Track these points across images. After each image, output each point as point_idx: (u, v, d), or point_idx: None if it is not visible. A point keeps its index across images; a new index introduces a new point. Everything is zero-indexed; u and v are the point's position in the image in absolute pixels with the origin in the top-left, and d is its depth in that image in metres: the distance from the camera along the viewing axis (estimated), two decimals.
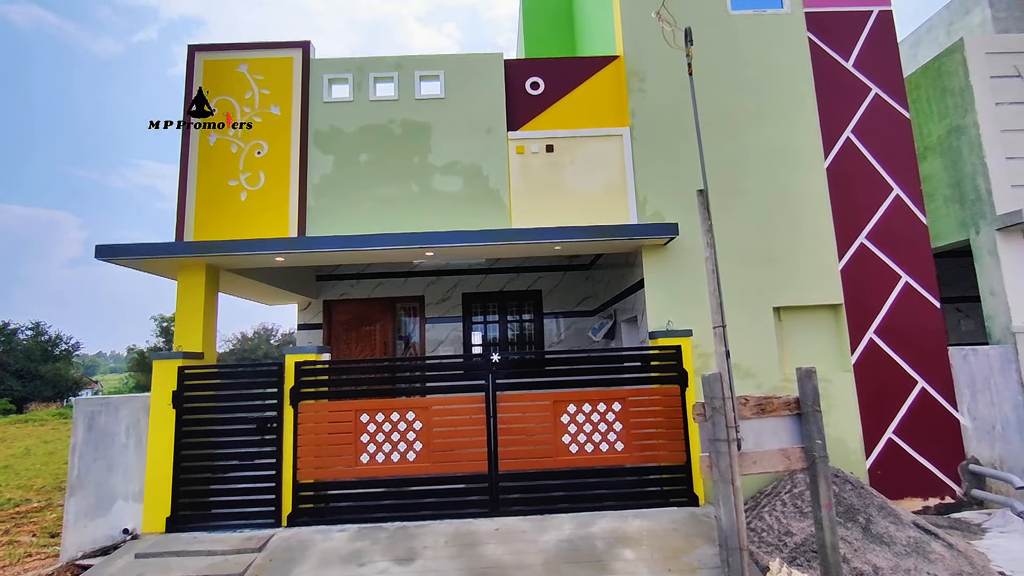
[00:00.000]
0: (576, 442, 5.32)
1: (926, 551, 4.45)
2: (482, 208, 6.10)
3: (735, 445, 4.07)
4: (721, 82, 6.31)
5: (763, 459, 4.19)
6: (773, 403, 4.29)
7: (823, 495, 4.08)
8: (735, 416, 4.11)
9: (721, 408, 4.09)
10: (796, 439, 4.28)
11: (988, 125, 6.27)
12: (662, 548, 4.56)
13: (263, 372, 5.48)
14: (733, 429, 4.07)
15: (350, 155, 6.18)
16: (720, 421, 4.07)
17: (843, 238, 6.09)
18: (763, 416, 4.28)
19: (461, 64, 6.37)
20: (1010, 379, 5.90)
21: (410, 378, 5.67)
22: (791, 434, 4.30)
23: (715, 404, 4.09)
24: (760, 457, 4.19)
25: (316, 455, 5.27)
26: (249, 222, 6.02)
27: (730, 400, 4.11)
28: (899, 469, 5.72)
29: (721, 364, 4.20)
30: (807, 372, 4.27)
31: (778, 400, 4.30)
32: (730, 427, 4.08)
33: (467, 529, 4.97)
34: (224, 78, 6.27)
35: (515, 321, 9.66)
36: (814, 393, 4.22)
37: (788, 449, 4.23)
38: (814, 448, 4.13)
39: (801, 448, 4.23)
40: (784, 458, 4.21)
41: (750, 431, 4.24)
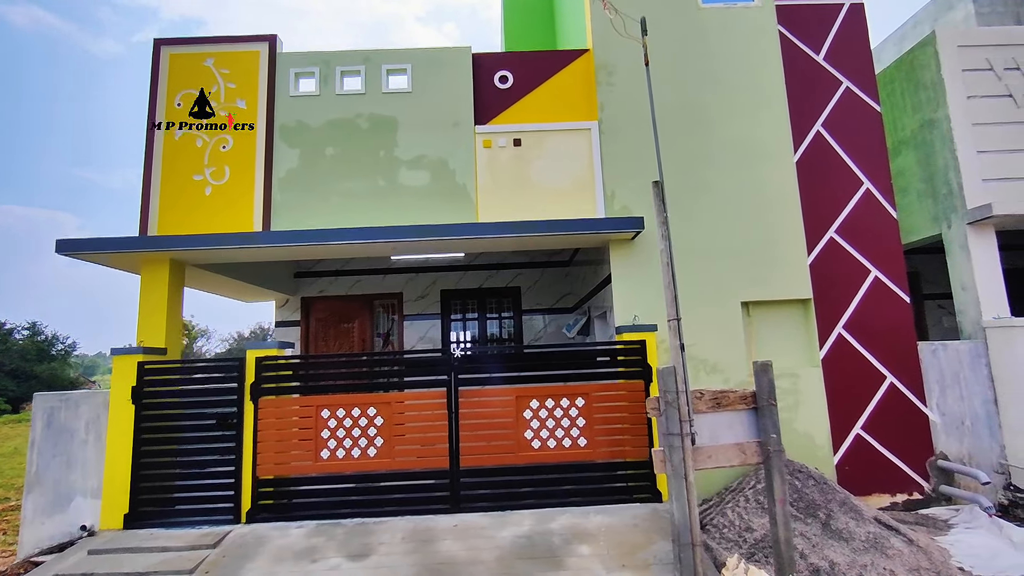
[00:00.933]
0: (539, 438, 5.28)
1: (884, 547, 4.40)
2: (449, 202, 6.06)
3: (688, 439, 4.03)
4: (691, 75, 6.27)
5: (718, 453, 4.14)
6: (729, 397, 4.24)
7: (777, 490, 4.03)
8: (689, 410, 4.07)
9: (675, 402, 4.05)
10: (752, 433, 4.23)
11: (960, 119, 6.23)
12: (619, 544, 4.52)
13: (224, 367, 5.44)
14: (687, 423, 4.04)
15: (316, 149, 6.14)
16: (673, 415, 4.03)
17: (812, 232, 6.04)
18: (719, 410, 4.23)
19: (429, 58, 6.33)
20: (980, 374, 5.85)
21: (372, 374, 5.62)
22: (747, 428, 4.24)
23: (669, 398, 4.05)
24: (715, 451, 4.14)
25: (276, 451, 5.23)
26: (214, 217, 5.97)
27: (684, 394, 4.07)
28: (867, 465, 5.67)
29: (676, 358, 4.15)
30: (763, 366, 4.22)
31: (734, 394, 4.25)
32: (684, 421, 4.04)
33: (426, 525, 4.92)
34: (190, 72, 6.22)
35: (494, 318, 9.62)
36: (770, 387, 4.16)
37: (744, 443, 4.18)
38: (769, 442, 4.09)
39: (757, 442, 4.18)
40: (740, 452, 4.16)
41: (705, 425, 4.19)
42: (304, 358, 5.67)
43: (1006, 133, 6.23)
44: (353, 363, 6.02)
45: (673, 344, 4.23)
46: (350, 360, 5.99)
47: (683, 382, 4.10)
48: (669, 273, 4.28)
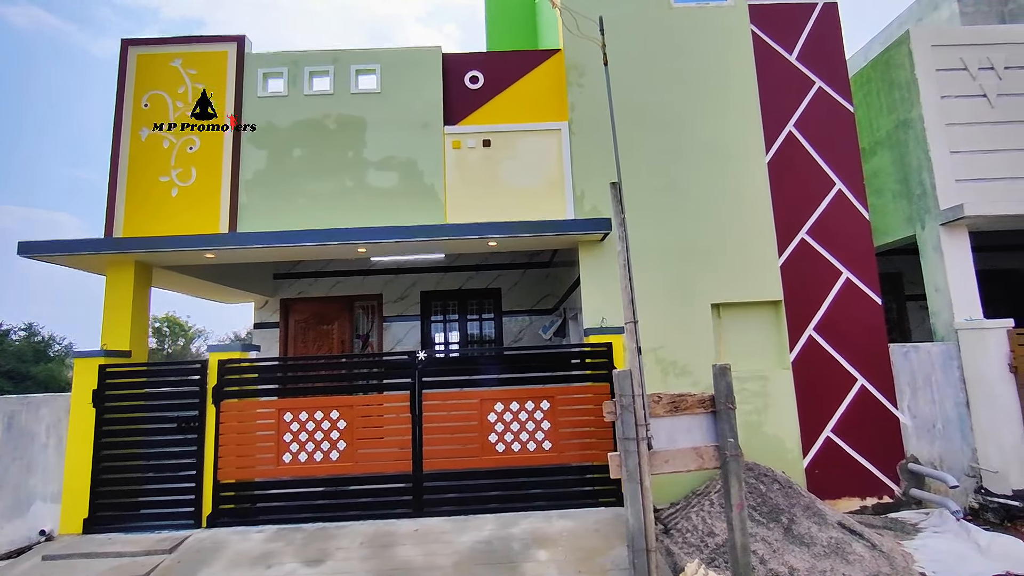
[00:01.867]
0: (503, 441, 5.23)
1: (845, 552, 4.35)
2: (417, 203, 6.01)
3: (644, 444, 3.98)
4: (662, 75, 6.22)
5: (675, 458, 4.09)
6: (687, 401, 4.19)
7: (734, 495, 3.98)
8: (645, 414, 4.02)
9: (630, 406, 4.00)
10: (711, 437, 4.17)
11: (933, 119, 6.18)
12: (579, 549, 4.47)
13: (186, 370, 5.39)
14: (643, 427, 3.99)
15: (284, 150, 6.09)
16: (629, 419, 3.98)
17: (784, 233, 5.99)
18: (677, 414, 4.18)
19: (398, 58, 6.28)
20: (951, 376, 5.80)
21: (336, 376, 5.57)
22: (705, 432, 4.19)
23: (624, 402, 4.00)
24: (672, 455, 4.09)
25: (239, 455, 5.18)
26: (180, 218, 5.93)
27: (640, 398, 4.02)
28: (837, 468, 5.62)
29: (633, 361, 4.11)
30: (721, 369, 4.17)
31: (692, 397, 4.20)
32: (639, 425, 3.99)
33: (387, 530, 4.88)
34: (157, 73, 6.18)
35: (475, 320, 9.57)
36: (728, 390, 4.11)
37: (701, 447, 4.12)
38: (727, 446, 4.04)
39: (715, 446, 4.12)
40: (697, 457, 4.11)
41: (663, 429, 4.14)
42: (267, 361, 5.62)
43: (980, 133, 6.17)
44: (317, 366, 5.97)
45: (630, 347, 4.19)
46: (314, 363, 5.95)
47: (639, 386, 4.05)
48: (627, 275, 4.24)
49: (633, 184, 6.00)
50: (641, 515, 3.93)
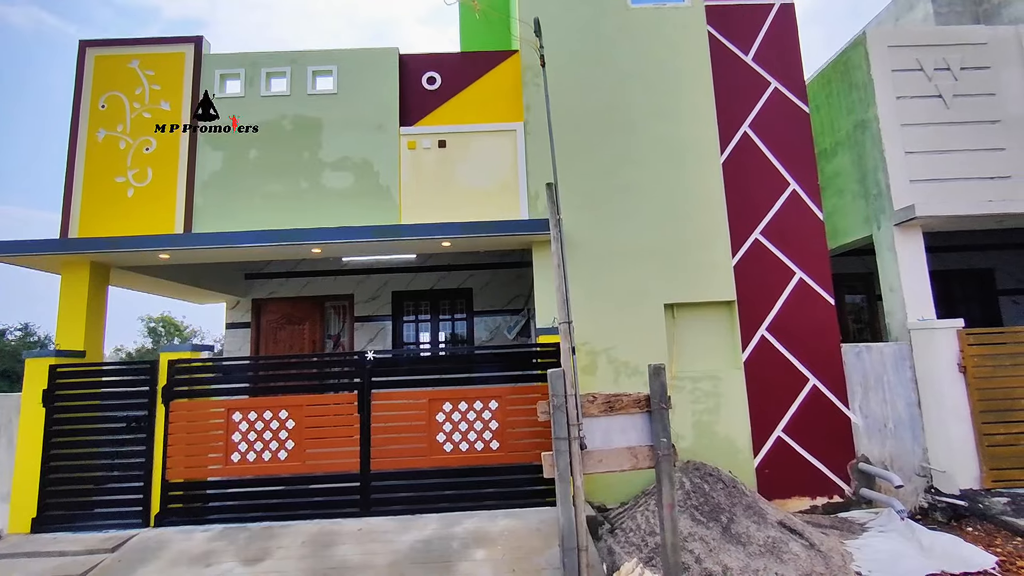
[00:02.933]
0: (451, 441, 5.25)
1: (781, 551, 4.37)
2: (372, 204, 6.03)
3: (577, 443, 4.00)
4: (617, 76, 6.24)
5: (609, 457, 4.11)
6: (622, 400, 4.20)
7: (666, 495, 4.00)
8: (578, 414, 4.04)
9: (562, 406, 4.02)
10: (646, 437, 4.19)
11: (888, 119, 6.19)
12: (517, 548, 4.49)
13: (136, 370, 5.41)
14: (575, 427, 4.01)
15: (240, 151, 6.12)
16: (561, 419, 4.00)
17: (737, 234, 6.00)
18: (612, 414, 4.19)
19: (356, 59, 6.30)
20: (903, 376, 5.81)
21: (286, 376, 5.60)
22: (641, 432, 4.20)
23: (556, 402, 4.02)
24: (606, 455, 4.11)
25: (187, 454, 5.20)
26: (136, 219, 5.95)
27: (573, 397, 4.04)
28: (788, 468, 5.63)
29: (566, 361, 4.13)
30: (656, 369, 4.18)
31: (628, 397, 4.22)
32: (572, 425, 4.01)
33: (331, 529, 4.90)
34: (115, 74, 6.20)
35: (447, 320, 9.59)
36: (662, 390, 4.12)
37: (636, 447, 4.14)
38: (659, 446, 4.06)
39: (649, 446, 4.14)
40: (631, 456, 4.13)
41: (598, 429, 4.16)
42: (217, 361, 5.64)
43: (935, 134, 6.19)
44: (268, 366, 5.99)
45: (564, 347, 4.22)
46: (264, 363, 5.97)
47: (572, 385, 4.07)
48: (560, 275, 4.26)
49: (587, 185, 6.03)
50: (572, 514, 3.96)
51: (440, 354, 6.35)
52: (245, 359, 5.64)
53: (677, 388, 5.74)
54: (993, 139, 6.18)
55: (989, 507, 5.07)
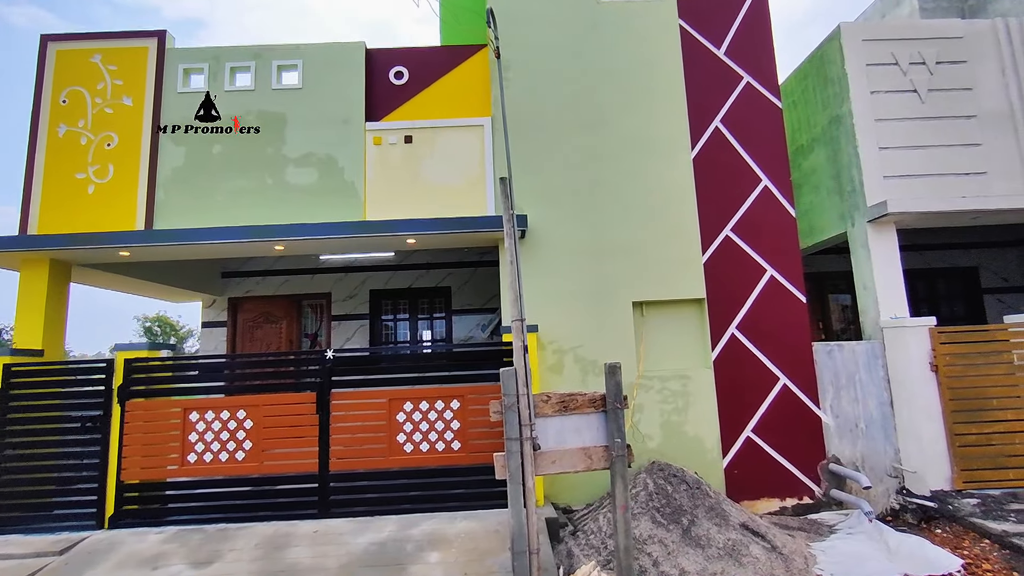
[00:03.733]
0: (411, 441, 5.15)
1: (740, 554, 4.27)
2: (336, 200, 5.94)
3: (529, 444, 3.91)
4: (587, 70, 6.14)
5: (563, 458, 4.01)
6: (577, 400, 4.11)
7: (619, 496, 3.91)
8: (531, 414, 3.95)
9: (514, 405, 3.93)
10: (601, 437, 4.09)
11: (862, 114, 6.09)
12: (472, 551, 4.39)
13: (92, 369, 5.32)
14: (527, 427, 3.92)
15: (203, 147, 6.02)
16: (513, 419, 3.91)
17: (708, 230, 5.91)
18: (567, 413, 4.10)
19: (321, 53, 6.21)
20: (876, 375, 5.71)
21: (245, 375, 5.50)
22: (596, 432, 4.10)
23: (508, 401, 3.93)
24: (560, 456, 4.02)
25: (143, 454, 5.11)
26: (96, 216, 5.86)
27: (525, 397, 3.95)
28: (757, 468, 5.54)
29: (518, 360, 4.03)
30: (611, 368, 4.08)
31: (583, 397, 4.12)
32: (523, 425, 3.92)
33: (287, 531, 4.80)
34: (77, 69, 6.11)
35: (426, 319, 9.50)
36: (617, 389, 4.02)
37: (590, 448, 4.04)
38: (613, 447, 3.97)
39: (604, 447, 4.04)
40: (586, 457, 4.03)
41: (552, 429, 4.07)
42: (174, 359, 5.55)
43: (910, 129, 6.09)
44: (226, 365, 5.89)
45: (516, 346, 4.11)
46: (223, 362, 5.88)
47: (524, 384, 3.98)
48: (514, 271, 4.16)
49: (555, 181, 5.93)
50: (522, 516, 3.86)
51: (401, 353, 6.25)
52: (203, 358, 5.54)
53: (645, 388, 5.65)
54: (969, 134, 6.08)
55: (959, 508, 4.98)
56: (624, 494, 3.92)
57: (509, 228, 4.18)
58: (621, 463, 3.94)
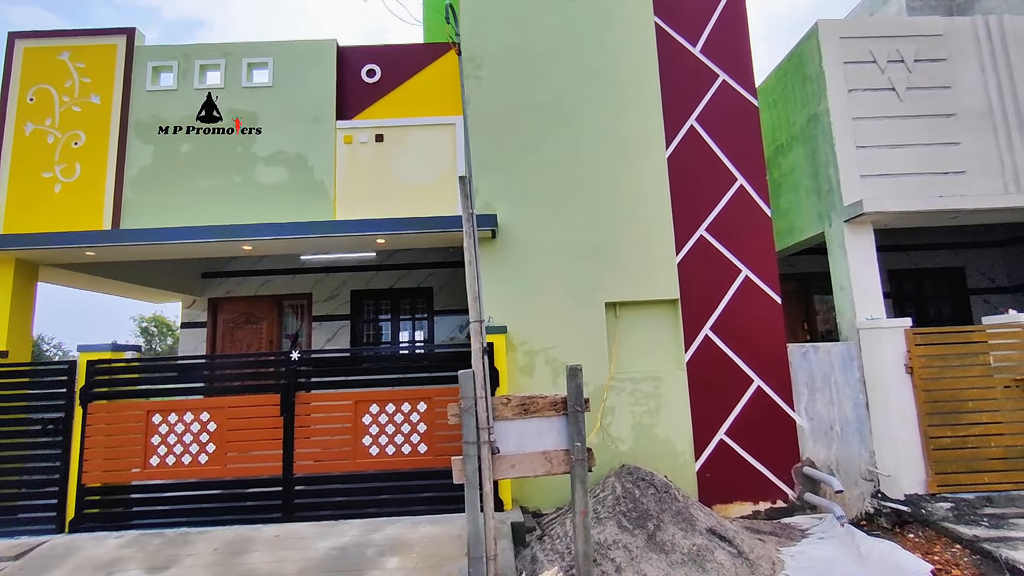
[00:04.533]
0: (377, 444, 5.08)
1: (704, 560, 4.19)
2: (306, 199, 5.86)
3: (487, 448, 3.84)
4: (560, 68, 6.06)
5: (523, 462, 3.95)
6: (538, 403, 4.04)
7: (578, 502, 3.85)
8: (488, 417, 3.88)
9: (472, 408, 3.86)
10: (562, 441, 4.02)
11: (840, 112, 6.01)
12: (432, 556, 4.32)
13: (54, 371, 5.24)
14: (485, 431, 3.85)
15: (171, 146, 5.95)
16: (470, 422, 3.84)
17: (682, 230, 5.83)
18: (527, 417, 4.03)
19: (292, 51, 6.13)
20: (851, 377, 5.64)
21: (210, 377, 5.43)
22: (557, 436, 4.04)
23: (465, 404, 3.86)
24: (519, 460, 3.95)
25: (105, 457, 5.04)
26: (63, 215, 5.79)
27: (483, 400, 3.88)
28: (730, 472, 5.46)
29: (476, 362, 3.96)
30: (573, 370, 4.01)
31: (543, 400, 4.05)
32: (481, 429, 3.85)
33: (248, 535, 4.72)
34: (45, 66, 6.04)
35: (408, 319, 9.42)
36: (578, 392, 3.95)
37: (550, 452, 3.98)
38: (573, 451, 3.90)
39: (564, 450, 3.98)
40: (546, 461, 3.97)
41: (512, 432, 4.00)
42: (138, 361, 5.47)
43: (888, 127, 6.01)
44: (190, 366, 5.82)
45: (475, 348, 4.04)
46: (187, 363, 5.80)
47: (482, 387, 3.91)
48: (473, 271, 4.09)
49: (527, 180, 5.86)
50: (479, 522, 3.80)
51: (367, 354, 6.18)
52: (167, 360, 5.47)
53: (617, 390, 5.57)
54: (948, 133, 6.01)
55: (931, 513, 4.90)
56: (584, 499, 3.86)
57: (468, 228, 4.10)
58: (581, 467, 3.87)
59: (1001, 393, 5.23)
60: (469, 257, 4.08)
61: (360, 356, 6.11)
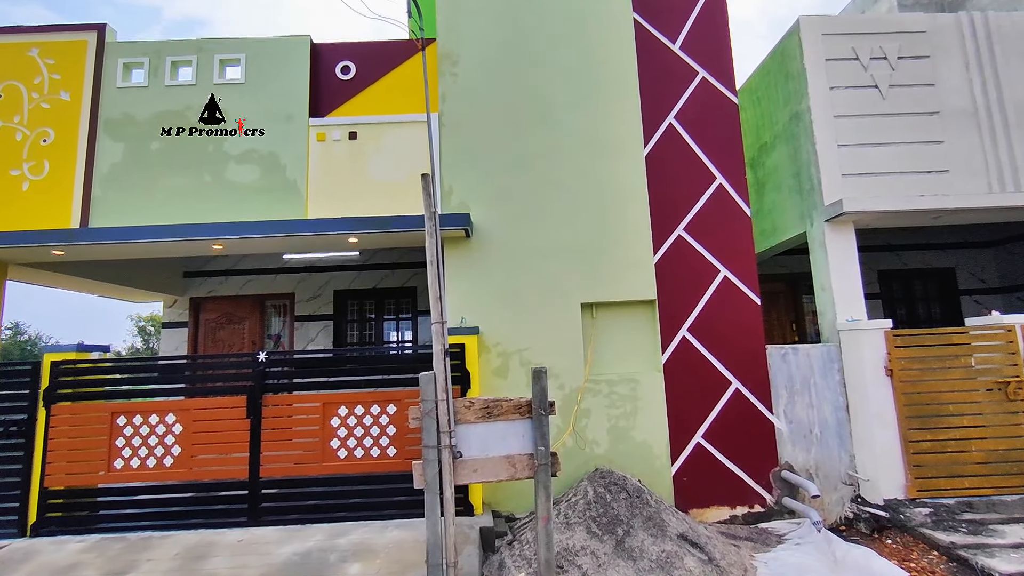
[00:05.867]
0: (345, 447, 4.98)
1: (673, 567, 4.10)
2: (278, 198, 5.77)
3: (447, 452, 3.75)
4: (537, 65, 5.97)
5: (485, 467, 3.85)
6: (502, 406, 3.94)
7: (541, 507, 3.75)
8: (450, 420, 3.79)
9: (432, 412, 3.77)
10: (527, 445, 3.92)
11: (821, 110, 5.91)
12: (397, 562, 4.22)
13: (18, 372, 5.15)
14: (446, 434, 3.76)
15: (142, 143, 5.86)
16: (431, 426, 3.75)
17: (660, 230, 5.73)
18: (491, 420, 3.93)
19: (265, 48, 6.04)
20: (831, 380, 5.54)
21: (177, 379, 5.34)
22: (522, 439, 3.94)
23: (426, 407, 3.77)
24: (482, 465, 3.86)
25: (69, 460, 4.95)
26: (31, 213, 5.70)
27: (444, 403, 3.79)
28: (707, 475, 5.36)
29: (438, 364, 3.87)
30: (537, 373, 3.91)
31: (508, 403, 3.95)
32: (442, 432, 3.76)
33: (211, 540, 4.63)
34: (14, 62, 5.95)
35: (392, 319, 9.33)
36: (542, 395, 3.85)
37: (514, 456, 3.88)
38: (537, 455, 3.80)
39: (529, 455, 3.88)
40: (509, 466, 3.87)
41: (476, 436, 3.91)
42: (106, 363, 5.38)
43: (870, 125, 5.91)
44: (157, 368, 5.72)
45: (436, 350, 3.94)
46: (154, 364, 5.71)
47: (444, 390, 3.82)
48: (436, 272, 4.00)
49: (502, 179, 5.77)
50: (438, 528, 3.70)
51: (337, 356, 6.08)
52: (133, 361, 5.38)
53: (593, 392, 5.47)
54: (931, 131, 5.91)
55: (910, 518, 4.80)
56: (546, 505, 3.76)
57: (430, 227, 4.01)
58: (544, 473, 3.78)
59: (983, 396, 5.13)
60: (431, 257, 3.99)
61: (330, 358, 6.01)
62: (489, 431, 3.94)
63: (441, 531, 3.74)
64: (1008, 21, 6.11)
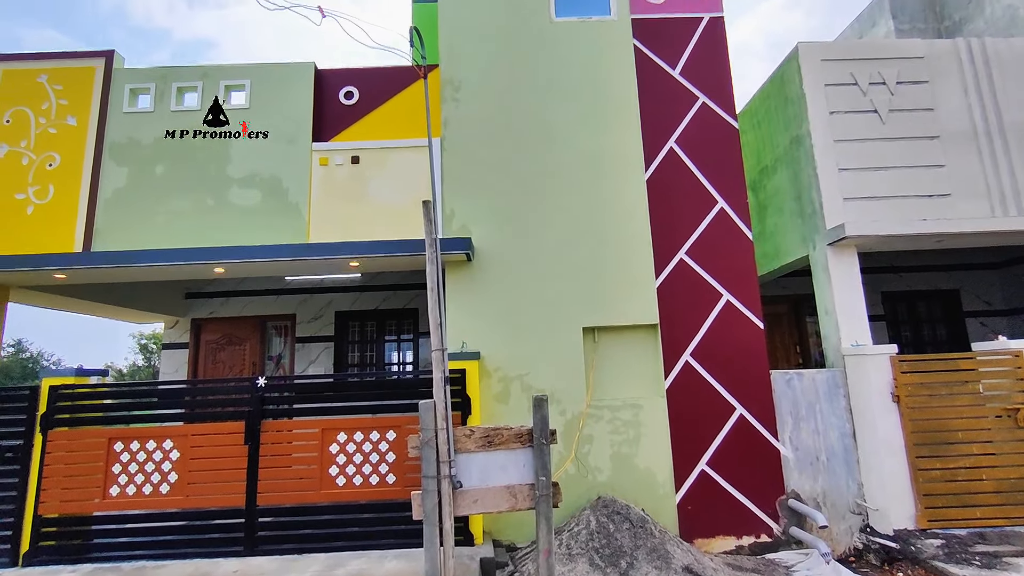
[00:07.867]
0: (344, 474, 4.91)
1: None
2: (280, 222, 5.79)
3: (447, 482, 3.69)
4: (540, 91, 6.03)
5: (486, 497, 3.78)
6: (503, 435, 3.88)
7: (542, 540, 3.66)
8: (449, 449, 3.73)
9: (432, 440, 3.72)
10: (528, 475, 3.85)
11: (821, 134, 5.94)
12: None
13: (15, 396, 5.12)
14: (446, 464, 3.70)
15: (146, 167, 5.91)
16: (430, 455, 3.69)
17: (662, 254, 5.72)
18: (491, 449, 3.87)
19: (270, 73, 6.12)
20: (837, 405, 5.46)
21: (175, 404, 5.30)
22: (522, 469, 3.87)
23: (425, 436, 3.71)
24: (482, 495, 3.79)
25: (64, 487, 4.88)
26: (35, 237, 5.72)
27: (444, 431, 3.74)
28: (712, 504, 5.26)
29: (438, 392, 3.82)
30: (538, 400, 3.86)
31: (508, 431, 3.89)
32: (442, 462, 3.70)
33: (206, 571, 4.54)
34: (23, 88, 6.04)
35: (393, 341, 9.29)
36: (543, 423, 3.80)
37: (515, 486, 3.81)
38: (539, 485, 3.73)
39: (530, 485, 3.81)
40: (510, 496, 3.79)
41: (476, 466, 3.84)
42: (104, 387, 5.34)
43: (871, 150, 5.92)
44: (156, 392, 5.68)
45: (436, 377, 3.90)
46: (152, 390, 5.67)
47: (443, 418, 3.77)
48: (435, 297, 3.98)
49: (504, 202, 5.78)
50: (437, 561, 3.62)
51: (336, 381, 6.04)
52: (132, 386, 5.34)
53: (595, 417, 5.40)
54: (931, 155, 5.92)
55: (921, 550, 4.68)
56: (548, 537, 3.68)
57: (431, 253, 4.00)
58: (545, 504, 3.71)
59: (992, 423, 5.05)
60: (431, 284, 3.97)
61: (329, 383, 5.96)
62: (489, 460, 3.87)
63: (440, 563, 3.66)
64: (1006, 46, 6.17)
